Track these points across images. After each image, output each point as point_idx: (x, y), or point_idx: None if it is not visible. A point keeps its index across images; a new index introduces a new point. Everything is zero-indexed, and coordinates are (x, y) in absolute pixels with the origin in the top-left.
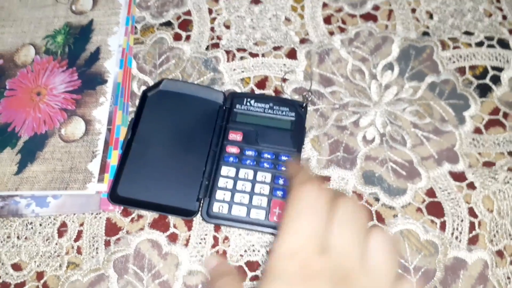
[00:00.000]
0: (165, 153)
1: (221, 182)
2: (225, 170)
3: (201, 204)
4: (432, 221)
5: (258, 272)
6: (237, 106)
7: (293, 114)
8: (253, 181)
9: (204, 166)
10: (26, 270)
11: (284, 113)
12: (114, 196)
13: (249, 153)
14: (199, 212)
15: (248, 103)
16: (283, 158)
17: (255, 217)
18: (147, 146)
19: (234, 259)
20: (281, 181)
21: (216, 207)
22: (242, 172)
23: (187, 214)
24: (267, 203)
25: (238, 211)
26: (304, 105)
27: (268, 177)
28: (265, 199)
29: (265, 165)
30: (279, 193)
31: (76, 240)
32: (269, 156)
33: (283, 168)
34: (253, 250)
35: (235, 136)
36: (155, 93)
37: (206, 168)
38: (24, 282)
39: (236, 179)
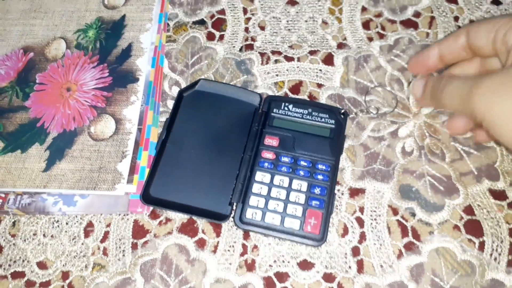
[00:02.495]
0: (199, 155)
1: (255, 188)
2: (259, 175)
3: (233, 209)
4: (470, 240)
5: (287, 284)
6: (275, 110)
7: (333, 121)
8: (288, 189)
9: (237, 170)
10: (51, 269)
11: (323, 119)
12: (146, 197)
13: (285, 159)
14: (231, 217)
15: (286, 108)
16: (320, 166)
17: (289, 226)
18: (181, 147)
19: (263, 269)
20: (317, 191)
21: (249, 213)
22: (277, 179)
23: (218, 218)
24: (302, 213)
25: (272, 219)
26: (343, 111)
27: (304, 185)
28: (300, 208)
29: (301, 173)
30: (315, 203)
31: (102, 241)
32: (305, 164)
33: (319, 177)
34: (283, 261)
35: (271, 141)
36: (191, 93)
37: (240, 173)
38: (49, 281)
39: (270, 185)
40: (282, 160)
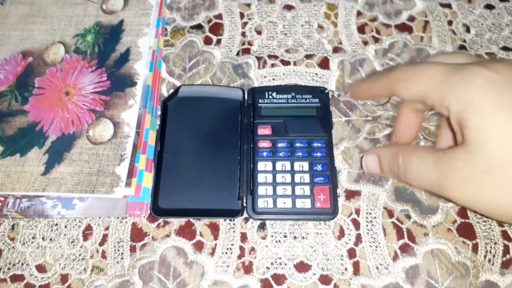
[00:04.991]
0: (198, 158)
1: (261, 178)
2: (261, 165)
3: (243, 203)
4: (464, 242)
5: (285, 286)
6: (260, 100)
7: (317, 100)
8: (292, 172)
9: (238, 164)
10: (50, 272)
11: (307, 100)
12: (157, 210)
13: (282, 145)
14: (245, 211)
15: (270, 96)
16: (316, 144)
17: (301, 206)
18: (178, 154)
19: (261, 272)
20: (319, 167)
21: (261, 203)
22: (279, 165)
23: (232, 214)
24: (310, 191)
25: (283, 204)
26: (325, 90)
27: (305, 165)
28: (307, 187)
29: (300, 154)
30: (320, 179)
31: (101, 244)
32: (301, 145)
33: (318, 155)
34: (280, 263)
35: (264, 130)
36: (175, 101)
37: (242, 166)
38: (49, 285)
39: (274, 172)
40: (279, 146)
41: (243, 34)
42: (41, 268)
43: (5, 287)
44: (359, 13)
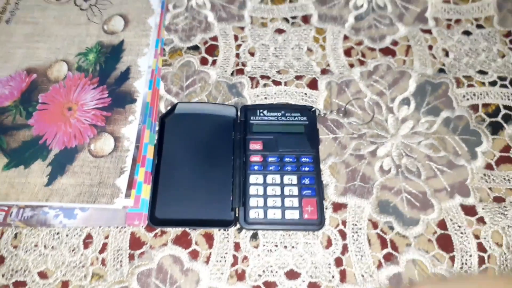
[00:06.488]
0: (193, 171)
1: (252, 190)
2: (253, 178)
3: (236, 214)
4: (441, 255)
5: None
6: (252, 117)
7: (305, 118)
8: (282, 185)
9: (231, 177)
10: (51, 278)
11: (296, 118)
12: (154, 220)
13: (272, 159)
14: (237, 221)
15: (261, 114)
16: (304, 159)
17: (290, 217)
18: (175, 167)
19: (253, 279)
20: (307, 181)
21: (252, 214)
22: (270, 178)
23: (225, 225)
24: (299, 203)
25: (273, 214)
26: (312, 109)
27: (294, 179)
28: (296, 199)
29: (289, 168)
30: (307, 192)
31: (101, 252)
32: (291, 160)
33: (306, 169)
34: (271, 271)
35: (256, 145)
36: (172, 117)
37: (234, 179)
38: None
39: (265, 185)
40: (269, 160)
41: (237, 55)
42: (43, 275)
43: None
44: (345, 37)
